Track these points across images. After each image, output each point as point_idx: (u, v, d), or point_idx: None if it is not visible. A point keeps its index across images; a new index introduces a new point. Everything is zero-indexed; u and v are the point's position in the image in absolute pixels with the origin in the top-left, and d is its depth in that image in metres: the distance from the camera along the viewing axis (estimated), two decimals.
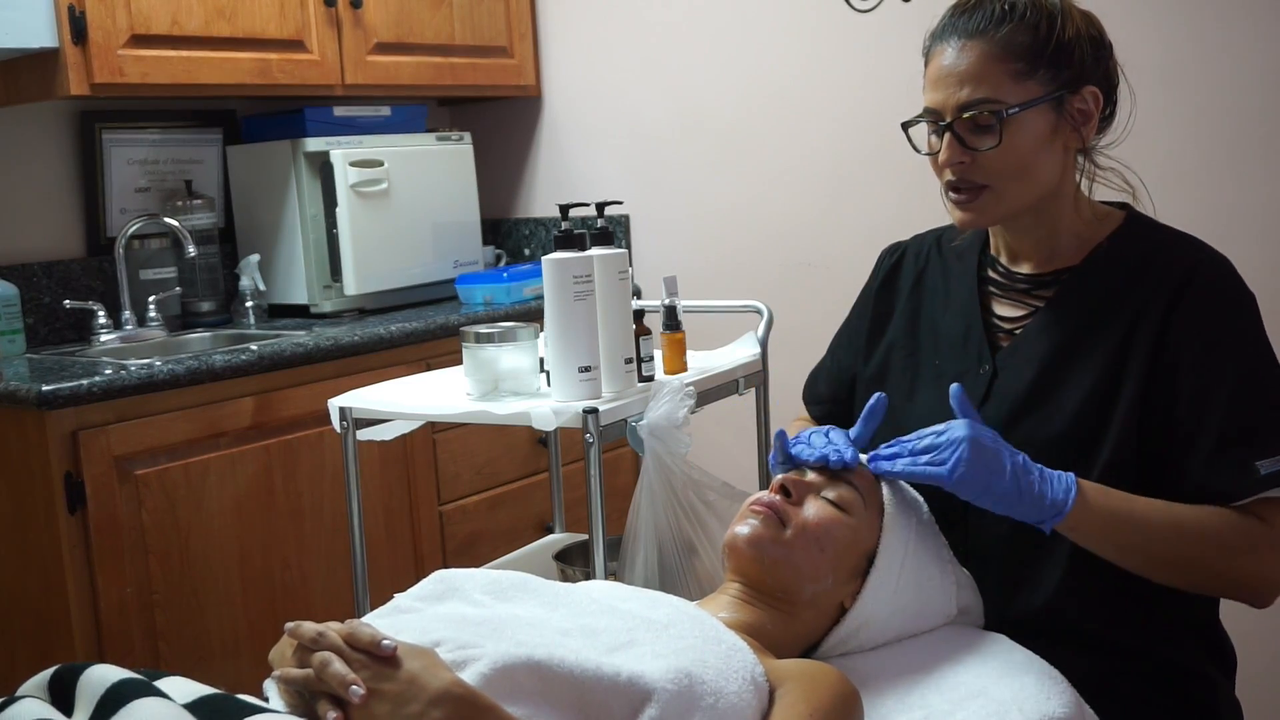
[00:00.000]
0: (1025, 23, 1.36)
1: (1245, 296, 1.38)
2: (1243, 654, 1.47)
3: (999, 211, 1.41)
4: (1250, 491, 1.30)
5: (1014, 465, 1.28)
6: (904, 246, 1.65)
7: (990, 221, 1.45)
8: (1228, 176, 2.40)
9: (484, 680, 1.05)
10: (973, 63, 1.36)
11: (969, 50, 1.37)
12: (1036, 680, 1.26)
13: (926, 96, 1.42)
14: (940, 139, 1.39)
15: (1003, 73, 1.35)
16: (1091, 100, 1.39)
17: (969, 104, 1.36)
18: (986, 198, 1.39)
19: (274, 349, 2.42)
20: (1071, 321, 1.40)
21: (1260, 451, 1.30)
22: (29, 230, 2.71)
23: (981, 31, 1.37)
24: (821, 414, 1.68)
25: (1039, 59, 1.36)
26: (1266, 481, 1.30)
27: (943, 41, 1.40)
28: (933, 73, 1.41)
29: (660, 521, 1.62)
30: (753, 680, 1.15)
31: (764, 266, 3.02)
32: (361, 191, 2.85)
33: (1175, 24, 2.40)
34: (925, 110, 1.42)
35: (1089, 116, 1.40)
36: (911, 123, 1.45)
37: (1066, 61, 1.37)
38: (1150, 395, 1.34)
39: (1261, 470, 1.30)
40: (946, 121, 1.38)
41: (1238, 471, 1.30)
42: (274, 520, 2.43)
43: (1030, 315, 1.45)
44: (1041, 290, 1.45)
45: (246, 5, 2.67)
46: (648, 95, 3.18)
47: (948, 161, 1.39)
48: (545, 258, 1.64)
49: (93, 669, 1.04)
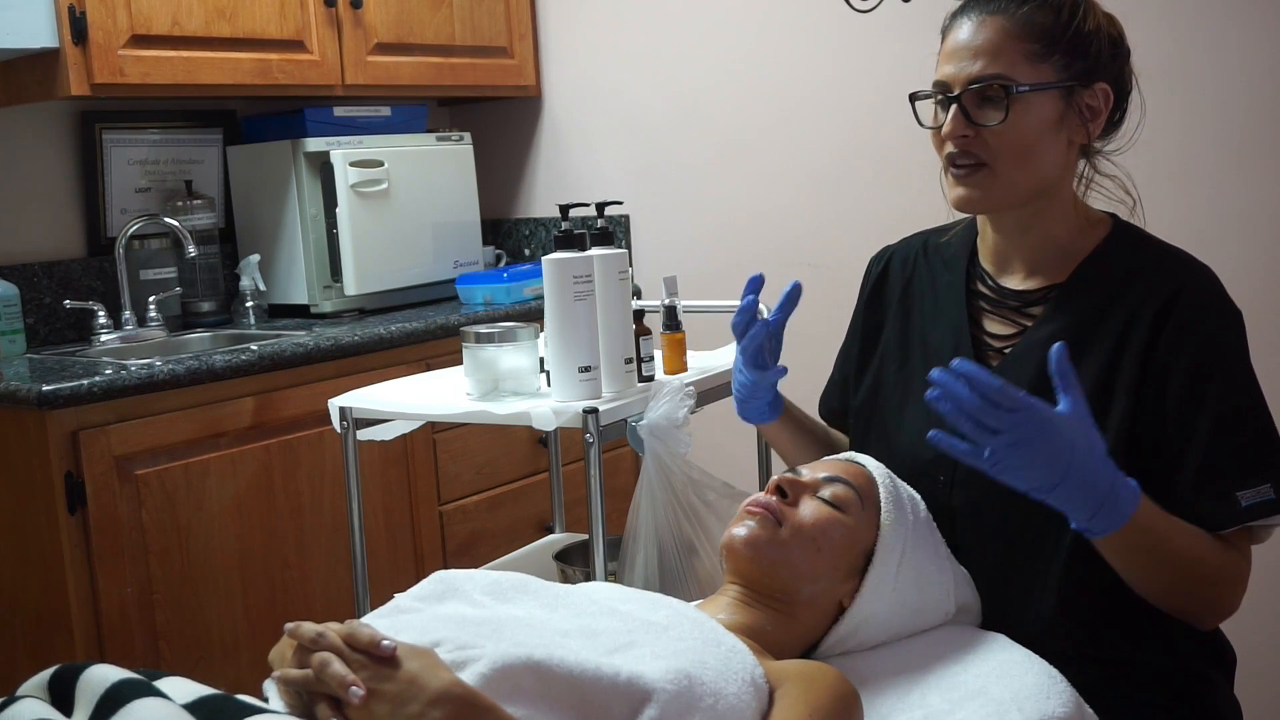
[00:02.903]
0: (1048, 5, 1.36)
1: (1230, 315, 1.36)
2: (1242, 654, 1.47)
3: (995, 194, 1.39)
4: (1232, 522, 1.30)
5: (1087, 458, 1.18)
6: (890, 253, 1.63)
7: (986, 206, 1.42)
8: (1223, 181, 2.40)
9: (483, 680, 1.05)
10: (989, 37, 1.36)
11: (987, 25, 1.36)
12: (1036, 680, 1.26)
13: (939, 70, 1.41)
14: (946, 112, 1.38)
15: (1018, 51, 1.35)
16: (1102, 98, 1.38)
17: (980, 77, 1.35)
18: (984, 176, 1.38)
19: (274, 349, 2.42)
20: (1060, 341, 1.39)
21: (1242, 482, 1.29)
22: (29, 230, 2.71)
23: (1002, 9, 1.36)
24: (836, 428, 1.67)
25: (1056, 43, 1.35)
26: (1248, 513, 1.29)
27: (962, 16, 1.39)
28: (948, 47, 1.40)
29: (660, 521, 1.62)
30: (752, 682, 1.16)
31: (764, 267, 3.00)
32: (361, 191, 2.85)
33: (1177, 26, 2.40)
34: (935, 84, 1.40)
35: (1097, 113, 1.39)
36: (920, 95, 1.43)
37: (1082, 52, 1.36)
38: (1140, 415, 1.33)
39: (1243, 502, 1.29)
40: (955, 94, 1.37)
41: (1220, 501, 1.29)
42: (274, 520, 2.43)
43: (1019, 334, 1.43)
44: (1030, 308, 1.43)
45: (247, 5, 2.67)
46: (648, 95, 3.19)
47: (951, 134, 1.37)
48: (545, 258, 1.64)
49: (93, 669, 1.04)
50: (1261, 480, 1.30)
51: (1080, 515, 1.21)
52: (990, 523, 1.39)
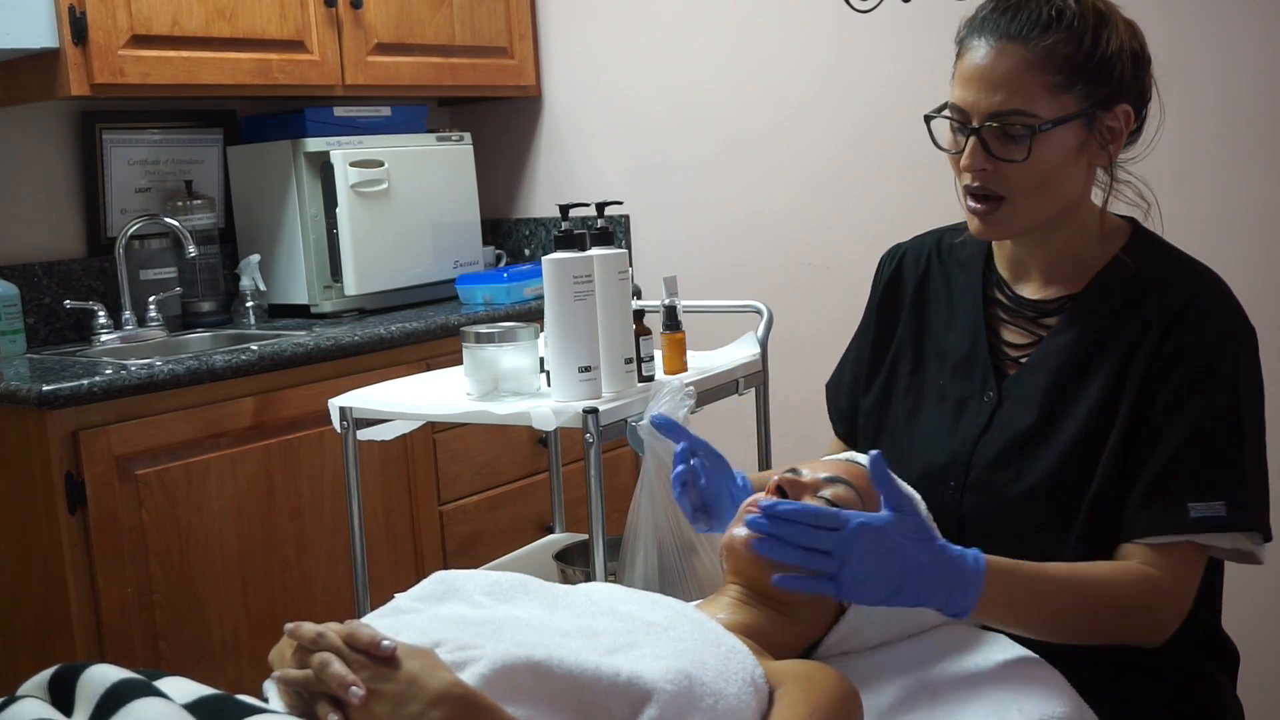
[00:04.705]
0: (1071, 32, 1.30)
1: (1239, 332, 1.34)
2: (1245, 654, 1.47)
3: (1016, 225, 1.38)
4: (1174, 531, 1.28)
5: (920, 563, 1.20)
6: (902, 250, 1.61)
7: (1006, 235, 1.42)
8: (1224, 181, 2.40)
9: (483, 681, 1.05)
10: (1010, 69, 1.30)
11: (1007, 54, 1.30)
12: (1036, 680, 1.26)
13: (955, 92, 1.36)
14: (964, 138, 1.35)
15: (1039, 85, 1.30)
16: (1123, 118, 1.35)
17: (1000, 113, 1.31)
18: (1005, 211, 1.36)
19: (274, 349, 2.42)
20: (1072, 353, 1.38)
21: (1197, 494, 1.27)
22: (29, 230, 2.71)
23: (1023, 36, 1.30)
24: (844, 430, 1.66)
25: (1079, 73, 1.30)
26: (1194, 524, 1.27)
27: (980, 36, 1.33)
28: (964, 69, 1.34)
29: (660, 521, 1.62)
30: (752, 682, 1.16)
31: (764, 267, 3.02)
32: (362, 191, 2.85)
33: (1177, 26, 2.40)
34: (951, 106, 1.37)
35: (1118, 135, 1.35)
36: (935, 115, 1.39)
37: (1105, 78, 1.32)
38: (1134, 428, 1.32)
39: (1192, 513, 1.27)
40: (974, 126, 1.33)
41: (1169, 509, 1.28)
42: (274, 520, 2.43)
43: (1035, 344, 1.42)
44: (1046, 319, 1.42)
45: (247, 5, 2.67)
46: (648, 95, 3.19)
47: (970, 168, 1.35)
48: (545, 258, 1.64)
49: (93, 669, 1.04)
50: (1216, 497, 1.27)
51: (936, 603, 1.22)
52: (999, 530, 1.39)
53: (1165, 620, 1.30)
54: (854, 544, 1.17)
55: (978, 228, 1.40)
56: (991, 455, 1.40)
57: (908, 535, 1.20)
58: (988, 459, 1.40)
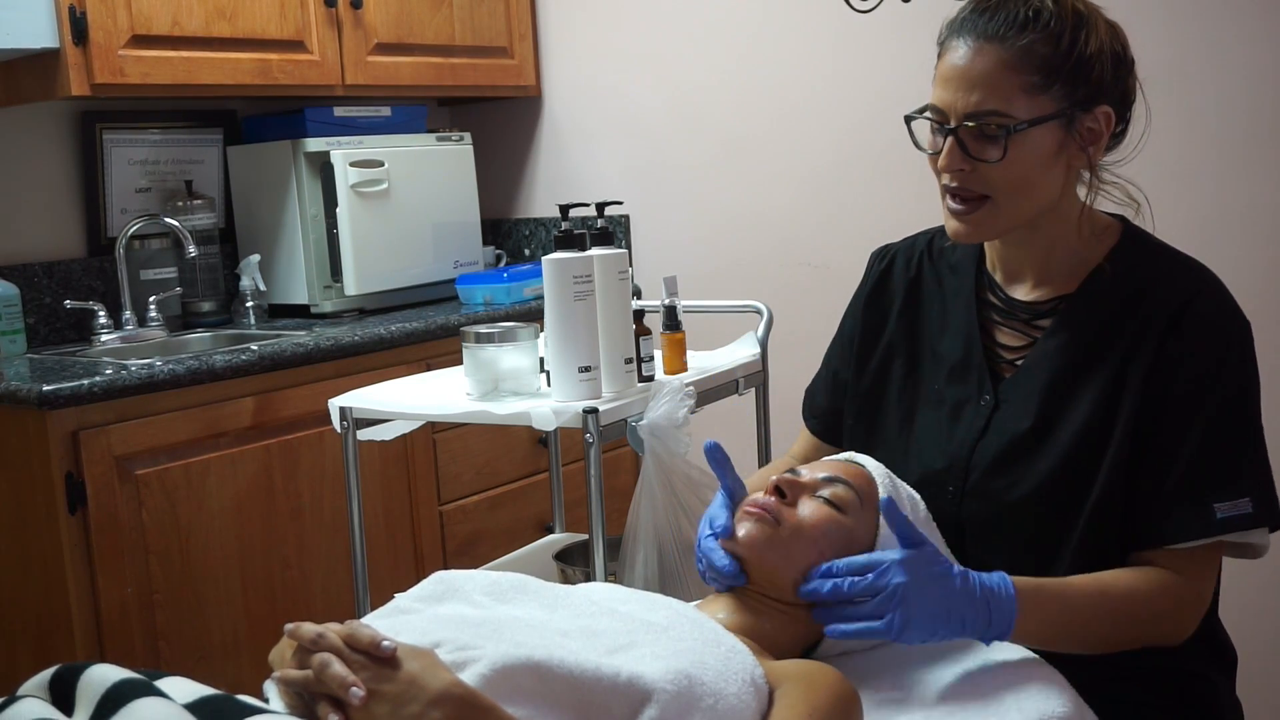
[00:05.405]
0: (1048, 32, 1.30)
1: (1238, 326, 1.35)
2: (1243, 654, 1.47)
3: (995, 226, 1.38)
4: (1204, 534, 1.28)
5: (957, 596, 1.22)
6: (893, 251, 1.60)
7: (985, 236, 1.42)
8: (1223, 181, 2.40)
9: (483, 681, 1.05)
10: (987, 68, 1.30)
11: (984, 54, 1.30)
12: (1036, 680, 1.26)
13: (934, 93, 1.36)
14: (942, 139, 1.35)
15: (1016, 85, 1.30)
16: (1103, 120, 1.34)
17: (976, 113, 1.31)
18: (985, 211, 1.36)
19: (274, 349, 2.42)
20: (1069, 354, 1.37)
21: (1221, 493, 1.28)
22: (30, 230, 2.72)
23: (1000, 36, 1.30)
24: (820, 427, 1.65)
25: (1056, 73, 1.30)
26: (1222, 525, 1.28)
27: (958, 37, 1.33)
28: (944, 70, 1.35)
29: (660, 521, 1.62)
30: (752, 682, 1.16)
31: (764, 267, 3.03)
32: (362, 191, 2.85)
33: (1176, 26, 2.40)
34: (931, 107, 1.37)
35: (1098, 136, 1.35)
36: (915, 116, 1.39)
37: (1084, 79, 1.32)
38: (1139, 432, 1.32)
39: (1219, 514, 1.28)
40: (951, 126, 1.34)
41: (1196, 511, 1.28)
42: (274, 520, 2.43)
43: (1029, 346, 1.42)
44: (1040, 320, 1.42)
45: (247, 5, 2.67)
46: (648, 95, 3.19)
47: (948, 167, 1.35)
48: (545, 258, 1.64)
49: (93, 669, 1.04)
50: (1240, 494, 1.28)
51: (977, 632, 1.23)
52: (999, 535, 1.39)
53: (1187, 621, 1.32)
54: (898, 576, 1.21)
55: (955, 229, 1.39)
56: (990, 459, 1.39)
57: (933, 575, 1.22)
58: (986, 462, 1.40)
